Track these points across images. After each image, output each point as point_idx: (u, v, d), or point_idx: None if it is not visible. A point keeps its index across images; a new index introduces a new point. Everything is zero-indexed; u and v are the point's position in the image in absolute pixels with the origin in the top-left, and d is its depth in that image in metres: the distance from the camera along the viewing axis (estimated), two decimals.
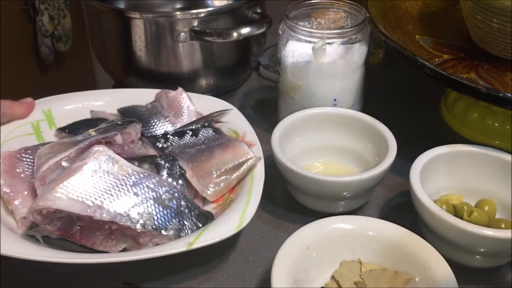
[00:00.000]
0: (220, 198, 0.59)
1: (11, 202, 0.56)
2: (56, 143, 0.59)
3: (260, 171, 0.59)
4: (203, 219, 0.54)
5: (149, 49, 0.76)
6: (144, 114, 0.68)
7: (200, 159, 0.60)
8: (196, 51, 0.77)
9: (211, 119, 0.67)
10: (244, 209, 0.53)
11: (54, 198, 0.49)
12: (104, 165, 0.53)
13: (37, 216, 0.50)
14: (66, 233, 0.51)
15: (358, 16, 0.68)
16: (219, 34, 0.74)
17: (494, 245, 0.50)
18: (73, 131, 0.65)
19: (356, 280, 0.51)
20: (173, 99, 0.69)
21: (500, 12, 0.64)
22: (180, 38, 0.75)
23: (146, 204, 0.52)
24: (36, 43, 1.51)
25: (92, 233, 0.51)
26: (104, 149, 0.54)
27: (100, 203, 0.50)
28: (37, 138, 0.65)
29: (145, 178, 0.53)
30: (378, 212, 0.63)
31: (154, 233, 0.51)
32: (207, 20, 0.75)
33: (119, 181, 0.52)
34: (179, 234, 0.52)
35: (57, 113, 0.68)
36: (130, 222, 0.50)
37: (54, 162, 0.55)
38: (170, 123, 0.68)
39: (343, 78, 0.67)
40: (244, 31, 0.74)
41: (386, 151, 0.59)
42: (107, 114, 0.69)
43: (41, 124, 0.66)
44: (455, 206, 0.57)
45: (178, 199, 0.54)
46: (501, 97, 0.57)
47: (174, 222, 0.52)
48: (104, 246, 0.51)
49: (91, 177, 0.51)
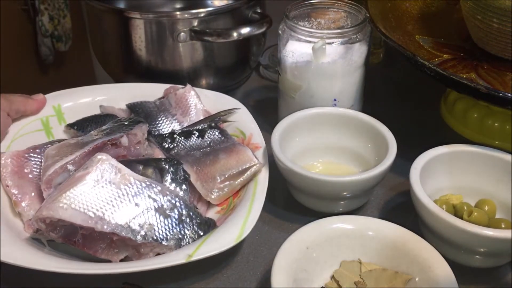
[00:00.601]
0: (224, 201, 0.59)
1: (19, 204, 0.56)
2: (62, 144, 0.60)
3: (264, 177, 0.59)
4: (204, 227, 0.54)
5: (149, 49, 0.76)
6: (152, 110, 0.69)
7: (205, 163, 0.60)
8: (196, 51, 0.77)
9: (219, 119, 0.67)
10: (245, 219, 0.53)
11: (57, 208, 0.49)
12: (107, 174, 0.53)
13: (41, 224, 0.50)
14: (69, 240, 0.51)
15: (358, 16, 0.68)
16: (219, 34, 0.74)
17: (494, 245, 0.50)
18: (81, 128, 0.66)
19: (356, 280, 0.51)
20: (181, 97, 0.69)
21: (500, 12, 0.64)
22: (180, 38, 0.75)
23: (147, 215, 0.52)
24: (36, 43, 1.52)
25: (94, 242, 0.51)
26: (107, 158, 0.54)
27: (101, 214, 0.50)
28: (47, 134, 0.66)
29: (147, 187, 0.54)
30: (378, 212, 0.63)
31: (155, 244, 0.52)
32: (207, 20, 0.75)
33: (121, 191, 0.52)
34: (180, 244, 0.53)
35: (66, 108, 0.68)
36: (130, 234, 0.50)
37: (60, 166, 0.55)
38: (177, 122, 0.68)
39: (343, 78, 0.67)
40: (244, 31, 0.74)
41: (386, 151, 0.59)
42: (116, 109, 0.70)
43: (51, 120, 0.67)
44: (455, 206, 0.57)
45: (180, 208, 0.54)
46: (501, 97, 0.57)
47: (175, 232, 0.53)
48: (106, 255, 0.52)
49: (93, 187, 0.52)
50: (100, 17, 0.79)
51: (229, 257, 0.56)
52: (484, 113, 0.69)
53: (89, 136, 0.60)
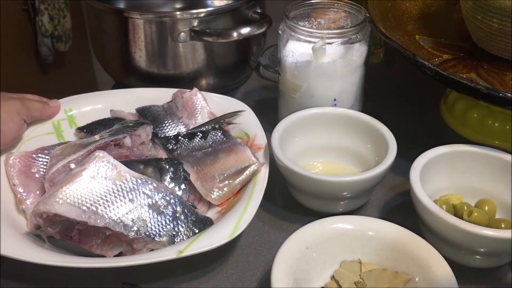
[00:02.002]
0: (224, 202, 0.59)
1: (23, 202, 0.57)
2: (67, 144, 0.61)
3: (263, 177, 0.59)
4: (200, 224, 0.54)
5: (149, 49, 0.76)
6: (159, 114, 0.70)
7: (205, 162, 0.61)
8: (196, 51, 0.77)
9: (224, 121, 0.67)
10: (240, 217, 0.53)
11: (52, 203, 0.50)
12: (103, 170, 0.53)
13: (39, 219, 0.51)
14: (66, 236, 0.52)
15: (358, 16, 0.68)
16: (219, 34, 0.74)
17: (494, 245, 0.50)
18: (91, 131, 0.67)
19: (356, 280, 0.51)
20: (187, 100, 0.70)
21: (500, 12, 0.64)
22: (180, 38, 0.75)
23: (140, 211, 0.52)
24: (36, 43, 1.52)
25: (89, 237, 0.52)
26: (104, 155, 0.55)
27: (95, 209, 0.51)
28: (58, 137, 0.67)
29: (142, 184, 0.54)
30: (378, 212, 0.63)
31: (148, 240, 0.52)
32: (207, 20, 0.75)
33: (116, 186, 0.53)
34: (174, 240, 0.53)
35: (78, 112, 0.69)
36: (123, 229, 0.51)
37: (63, 165, 0.56)
38: (183, 124, 0.69)
39: (343, 78, 0.67)
40: (244, 31, 0.74)
41: (386, 151, 0.59)
42: (125, 113, 0.70)
43: (62, 124, 0.68)
44: (455, 206, 0.57)
45: (174, 205, 0.54)
46: (501, 97, 0.57)
47: (169, 228, 0.53)
48: (101, 250, 0.52)
49: (89, 182, 0.52)
50: (100, 17, 0.79)
51: (229, 257, 0.56)
52: (484, 113, 0.69)
53: (94, 137, 0.61)
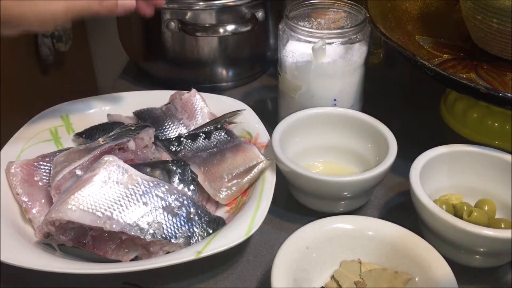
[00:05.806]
0: (232, 201, 0.59)
1: (29, 211, 0.56)
2: (71, 151, 0.60)
3: (271, 174, 0.59)
4: (213, 225, 0.55)
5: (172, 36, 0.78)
6: (159, 116, 0.69)
7: (212, 163, 0.60)
8: (214, 43, 0.79)
9: (224, 121, 0.67)
10: (253, 215, 0.53)
11: (65, 210, 0.50)
12: (114, 175, 0.53)
13: (51, 227, 0.51)
14: (79, 243, 0.51)
15: (358, 16, 0.68)
16: (205, 29, 0.76)
17: (494, 245, 0.50)
18: (89, 136, 0.66)
19: (356, 280, 0.51)
20: (186, 101, 0.69)
21: (500, 12, 0.64)
22: (170, 26, 0.76)
23: (155, 213, 0.52)
24: (36, 43, 1.51)
25: (104, 243, 0.52)
26: (114, 159, 0.54)
27: (109, 214, 0.50)
28: (56, 143, 0.66)
29: (154, 187, 0.54)
30: (378, 212, 0.63)
31: (164, 242, 0.52)
32: (197, 13, 0.76)
33: (129, 190, 0.53)
34: (189, 242, 0.53)
35: (74, 118, 0.69)
36: (139, 232, 0.51)
37: (69, 171, 0.56)
38: (184, 126, 0.68)
39: (343, 78, 0.67)
40: (230, 28, 0.76)
41: (386, 151, 0.59)
42: (123, 117, 0.70)
43: (59, 130, 0.68)
44: (455, 206, 0.57)
45: (188, 206, 0.54)
46: (501, 97, 0.57)
47: (184, 230, 0.53)
48: (116, 255, 0.52)
49: (101, 187, 0.52)
50: None
51: (229, 257, 0.56)
52: (484, 113, 0.69)
53: (97, 142, 0.61)
